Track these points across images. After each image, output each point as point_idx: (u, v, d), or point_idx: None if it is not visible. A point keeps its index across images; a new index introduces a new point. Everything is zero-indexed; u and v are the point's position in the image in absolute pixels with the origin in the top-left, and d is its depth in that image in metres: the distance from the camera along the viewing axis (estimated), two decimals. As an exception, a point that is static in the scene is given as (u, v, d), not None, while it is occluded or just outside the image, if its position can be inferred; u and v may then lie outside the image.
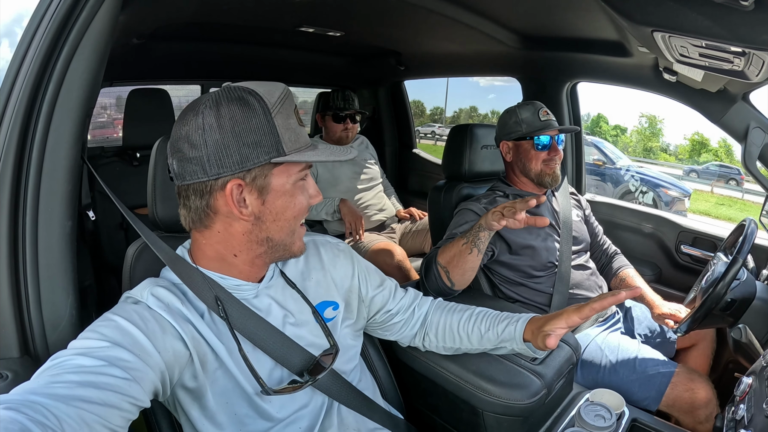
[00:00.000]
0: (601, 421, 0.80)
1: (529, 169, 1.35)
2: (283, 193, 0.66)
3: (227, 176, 0.62)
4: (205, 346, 0.66)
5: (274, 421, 0.71)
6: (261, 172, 0.63)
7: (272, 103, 0.63)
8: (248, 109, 0.61)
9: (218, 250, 0.69)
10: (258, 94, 0.62)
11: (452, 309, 0.94)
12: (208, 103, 0.62)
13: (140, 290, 0.66)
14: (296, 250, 0.72)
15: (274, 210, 0.66)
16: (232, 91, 0.62)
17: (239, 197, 0.64)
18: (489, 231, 1.08)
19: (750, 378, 0.84)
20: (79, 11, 0.67)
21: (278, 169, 0.65)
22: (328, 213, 2.05)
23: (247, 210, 0.65)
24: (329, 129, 2.18)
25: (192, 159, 0.62)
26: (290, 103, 0.66)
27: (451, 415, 1.02)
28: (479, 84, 29.76)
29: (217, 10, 1.47)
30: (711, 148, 18.25)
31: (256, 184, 0.64)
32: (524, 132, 1.33)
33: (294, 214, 0.68)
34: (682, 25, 0.75)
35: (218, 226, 0.67)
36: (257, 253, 0.70)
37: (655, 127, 18.45)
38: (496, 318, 0.89)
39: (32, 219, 0.67)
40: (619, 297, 0.74)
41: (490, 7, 1.41)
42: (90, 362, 0.53)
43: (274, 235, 0.68)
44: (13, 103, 0.66)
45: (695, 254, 1.68)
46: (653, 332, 1.37)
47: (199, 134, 0.61)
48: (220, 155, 0.61)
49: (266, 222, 0.67)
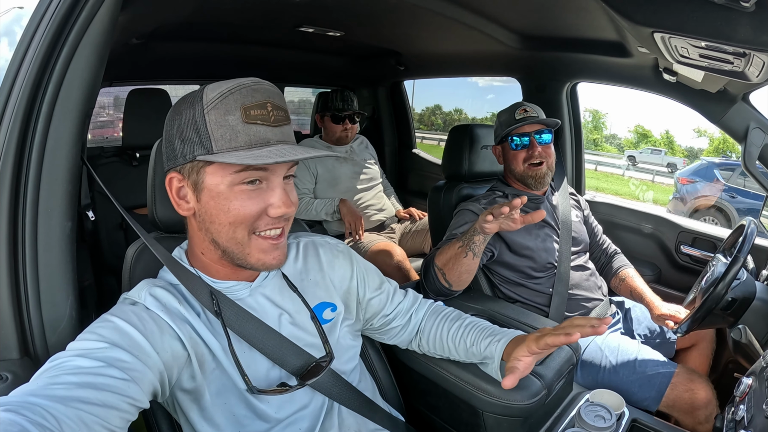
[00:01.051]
0: (601, 422, 0.80)
1: (512, 170, 1.36)
2: (216, 194, 0.63)
3: (169, 168, 0.66)
4: (202, 346, 0.66)
5: (272, 422, 0.71)
6: (193, 168, 0.64)
7: (210, 99, 0.61)
8: (190, 105, 0.63)
9: (192, 248, 0.71)
10: (203, 91, 0.63)
11: (445, 317, 0.92)
12: (175, 103, 0.66)
13: (138, 291, 0.66)
14: (254, 263, 0.66)
15: (209, 210, 0.64)
16: (204, 87, 0.64)
17: (182, 192, 0.66)
18: (484, 235, 1.07)
19: (750, 378, 0.84)
20: (79, 11, 0.66)
21: (211, 167, 0.62)
22: (327, 213, 2.05)
23: (188, 205, 0.66)
24: (328, 129, 2.18)
25: (161, 152, 0.69)
26: (237, 98, 0.60)
27: (451, 415, 1.02)
28: (466, 83, 29.90)
29: (216, 10, 1.47)
30: (653, 138, 19.56)
31: (191, 180, 0.65)
32: (502, 133, 1.34)
33: (229, 219, 0.62)
34: (682, 25, 0.75)
35: (187, 221, 0.70)
36: (217, 255, 0.68)
37: (598, 120, 19.37)
38: (482, 333, 0.85)
39: (32, 219, 0.67)
40: (571, 339, 0.69)
41: (490, 7, 1.41)
42: (88, 363, 0.53)
43: (217, 239, 0.65)
44: (13, 104, 0.66)
45: (695, 255, 1.68)
46: (653, 333, 1.37)
47: (166, 128, 0.67)
48: (169, 148, 0.66)
49: (206, 222, 0.65)
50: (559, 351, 1.01)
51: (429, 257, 1.20)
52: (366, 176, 2.22)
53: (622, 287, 1.43)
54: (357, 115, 2.20)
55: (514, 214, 0.99)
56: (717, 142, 20.17)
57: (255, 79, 0.63)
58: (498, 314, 1.15)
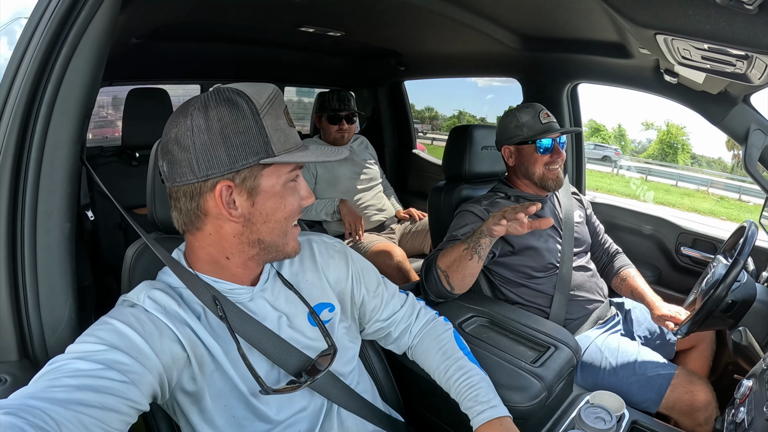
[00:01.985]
0: (601, 423, 0.80)
1: (532, 172, 1.34)
2: (273, 195, 0.65)
3: (216, 177, 0.62)
4: (202, 348, 0.66)
5: (272, 424, 0.71)
6: (250, 173, 0.63)
7: (261, 104, 0.62)
8: (237, 110, 0.61)
9: (211, 252, 0.69)
10: (247, 95, 0.62)
11: (437, 343, 0.89)
12: (197, 105, 0.62)
13: (137, 293, 0.66)
14: (290, 251, 0.72)
15: (264, 211, 0.66)
16: (221, 92, 0.63)
17: (229, 199, 0.64)
18: (490, 237, 1.08)
19: (750, 381, 0.84)
20: (78, 11, 0.66)
21: (268, 170, 0.64)
22: (327, 213, 2.05)
23: (237, 212, 0.64)
24: (325, 130, 2.17)
25: (181, 161, 0.62)
26: (279, 104, 0.65)
27: (452, 417, 1.01)
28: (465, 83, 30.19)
29: (216, 10, 1.47)
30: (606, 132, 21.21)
31: (246, 186, 0.63)
32: (526, 136, 1.32)
33: (285, 215, 0.67)
34: (685, 28, 0.75)
35: (209, 228, 0.67)
36: (250, 255, 0.69)
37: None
38: (467, 388, 0.82)
39: (31, 221, 0.67)
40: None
41: (490, 7, 1.41)
42: (87, 366, 0.53)
43: (265, 237, 0.68)
44: (12, 104, 0.66)
45: (695, 256, 1.68)
46: (653, 334, 1.37)
47: (188, 136, 0.61)
48: (209, 157, 0.61)
49: (257, 224, 0.66)
50: (559, 352, 1.01)
51: (430, 259, 1.20)
52: (366, 176, 2.22)
53: (623, 287, 1.43)
54: (354, 115, 2.19)
55: (524, 219, 1.01)
56: (662, 134, 21.29)
57: (273, 84, 0.67)
58: (498, 315, 1.15)
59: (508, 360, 0.97)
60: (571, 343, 1.05)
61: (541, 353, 1.02)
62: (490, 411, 0.78)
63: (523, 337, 1.08)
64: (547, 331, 1.08)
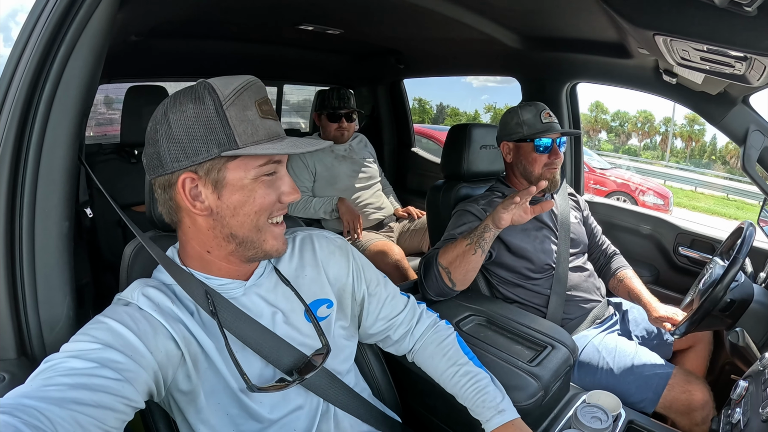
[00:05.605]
0: (597, 423, 0.80)
1: (529, 171, 1.34)
2: (240, 188, 0.64)
3: (180, 170, 0.63)
4: (195, 345, 0.66)
5: (265, 423, 0.70)
6: (213, 165, 0.62)
7: (225, 95, 0.61)
8: (200, 102, 0.61)
9: (194, 247, 0.69)
10: (212, 87, 0.62)
11: (441, 349, 0.88)
12: (169, 100, 0.64)
13: (131, 291, 0.66)
14: (269, 249, 0.69)
15: (232, 205, 0.64)
16: (193, 87, 0.63)
17: (195, 191, 0.64)
18: (495, 230, 1.10)
19: (746, 381, 0.84)
20: (77, 9, 0.66)
21: (234, 163, 0.63)
22: (326, 212, 2.05)
23: (203, 204, 0.64)
24: (325, 128, 2.17)
25: (153, 154, 0.64)
26: (251, 95, 0.63)
27: (449, 416, 1.02)
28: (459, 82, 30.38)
29: (216, 8, 1.46)
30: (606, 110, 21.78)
31: (210, 178, 0.63)
32: (525, 134, 1.32)
33: (254, 209, 0.65)
34: (684, 29, 0.75)
35: (186, 221, 0.67)
36: (229, 250, 0.68)
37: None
38: (475, 393, 0.82)
39: (29, 219, 0.67)
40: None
41: (490, 6, 1.40)
42: (82, 365, 0.53)
43: (236, 231, 0.66)
44: (10, 103, 0.65)
45: (693, 256, 1.68)
46: (650, 334, 1.38)
47: (156, 130, 0.63)
48: (175, 149, 0.62)
49: (225, 217, 0.65)
50: (556, 352, 1.01)
51: (429, 257, 1.20)
52: (365, 175, 2.22)
53: (620, 288, 1.43)
54: (354, 113, 2.18)
55: (525, 205, 1.06)
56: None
57: (251, 76, 0.65)
58: (496, 314, 1.15)
59: (505, 359, 0.98)
60: (568, 342, 1.06)
61: (538, 352, 1.02)
62: (500, 417, 0.79)
63: (520, 336, 1.08)
64: (544, 331, 1.08)
